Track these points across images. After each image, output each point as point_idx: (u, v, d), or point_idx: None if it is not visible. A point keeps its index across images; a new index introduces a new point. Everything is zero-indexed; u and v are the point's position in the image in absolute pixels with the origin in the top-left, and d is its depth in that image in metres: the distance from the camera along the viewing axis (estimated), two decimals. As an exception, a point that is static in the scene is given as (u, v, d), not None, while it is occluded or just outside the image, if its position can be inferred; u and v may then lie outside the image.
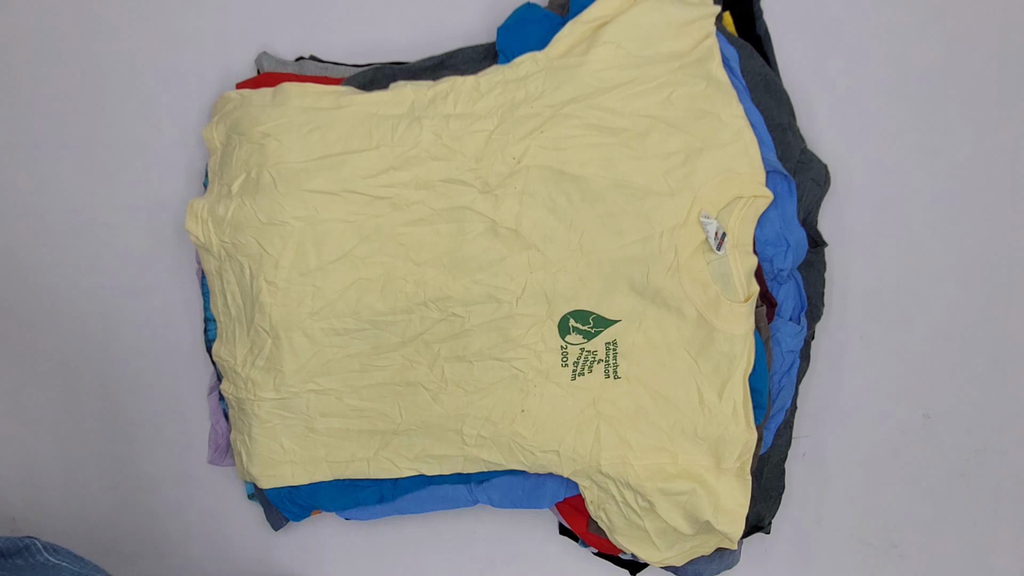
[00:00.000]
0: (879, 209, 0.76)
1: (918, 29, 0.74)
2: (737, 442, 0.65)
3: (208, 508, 0.85)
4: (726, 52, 0.65)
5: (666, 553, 0.74)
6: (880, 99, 0.75)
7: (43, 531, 0.86)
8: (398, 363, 0.70)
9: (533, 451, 0.69)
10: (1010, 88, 0.74)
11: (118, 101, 0.81)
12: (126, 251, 0.82)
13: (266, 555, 0.85)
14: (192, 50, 0.79)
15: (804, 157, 0.70)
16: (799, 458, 0.79)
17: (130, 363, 0.83)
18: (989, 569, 0.80)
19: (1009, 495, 0.79)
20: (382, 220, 0.68)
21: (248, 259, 0.69)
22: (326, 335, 0.69)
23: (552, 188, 0.67)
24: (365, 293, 0.69)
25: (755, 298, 0.65)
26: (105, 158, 0.81)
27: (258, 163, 0.67)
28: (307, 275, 0.68)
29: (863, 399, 0.78)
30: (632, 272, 0.66)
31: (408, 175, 0.67)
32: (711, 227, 0.63)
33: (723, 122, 0.63)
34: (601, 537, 0.76)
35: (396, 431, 0.72)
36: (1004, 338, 0.77)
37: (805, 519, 0.80)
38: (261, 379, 0.71)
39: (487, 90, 0.67)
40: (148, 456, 0.84)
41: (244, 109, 0.69)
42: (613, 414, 0.69)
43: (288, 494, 0.75)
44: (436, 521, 0.82)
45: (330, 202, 0.68)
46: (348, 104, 0.68)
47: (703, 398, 0.66)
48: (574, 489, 0.75)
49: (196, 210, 0.71)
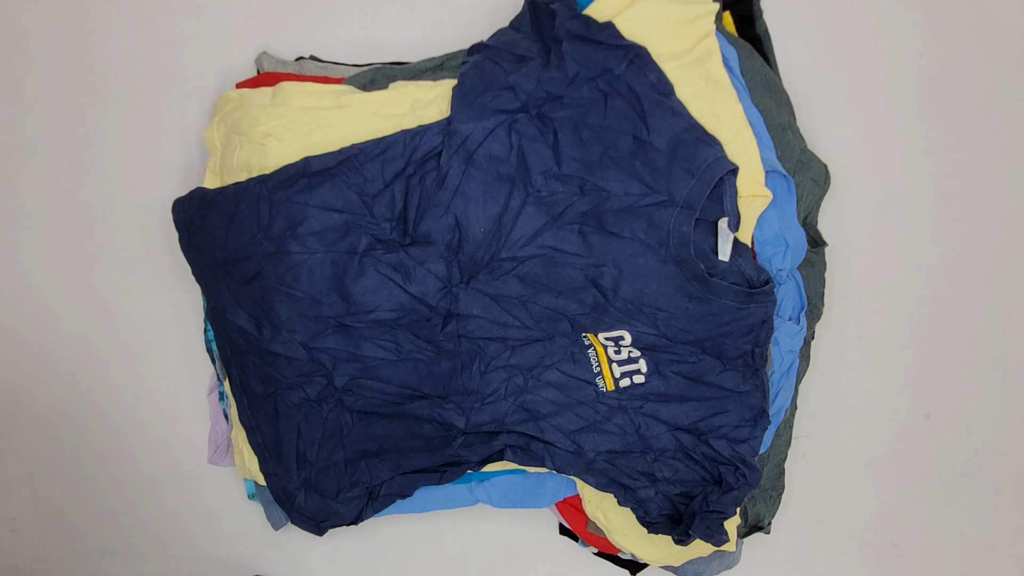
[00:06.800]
0: (879, 209, 0.76)
1: (918, 29, 0.74)
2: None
3: (208, 508, 0.85)
4: (726, 52, 0.65)
5: (665, 553, 0.74)
6: (880, 99, 0.75)
7: (43, 531, 0.86)
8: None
9: None
10: (1010, 88, 0.74)
11: (118, 101, 0.81)
12: (126, 251, 0.82)
13: (266, 555, 0.85)
14: (192, 50, 0.79)
15: (804, 157, 0.70)
16: (799, 458, 0.79)
17: (130, 363, 0.83)
18: (989, 569, 0.80)
19: (1009, 495, 0.79)
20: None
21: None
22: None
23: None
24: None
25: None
26: (105, 158, 0.81)
27: (259, 163, 0.67)
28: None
29: (863, 399, 0.78)
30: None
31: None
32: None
33: (722, 122, 0.63)
34: (601, 537, 0.76)
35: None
36: (1004, 338, 0.77)
37: (805, 519, 0.80)
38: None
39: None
40: (148, 456, 0.84)
41: (244, 109, 0.69)
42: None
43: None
44: (436, 521, 0.82)
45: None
46: (349, 104, 0.68)
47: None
48: (574, 489, 0.75)
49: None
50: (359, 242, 0.66)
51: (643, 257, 0.63)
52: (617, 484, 0.71)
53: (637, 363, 0.68)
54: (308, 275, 0.66)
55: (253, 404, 0.73)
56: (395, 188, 0.65)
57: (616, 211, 0.63)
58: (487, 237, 0.65)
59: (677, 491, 0.70)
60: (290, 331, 0.68)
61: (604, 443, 0.70)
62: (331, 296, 0.67)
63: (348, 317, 0.67)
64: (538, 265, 0.65)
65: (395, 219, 0.66)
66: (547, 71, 0.63)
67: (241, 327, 0.69)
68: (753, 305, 0.63)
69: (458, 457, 0.72)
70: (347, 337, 0.68)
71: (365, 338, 0.68)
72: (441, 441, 0.72)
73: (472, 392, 0.70)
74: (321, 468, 0.73)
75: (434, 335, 0.68)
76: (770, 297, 0.63)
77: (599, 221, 0.63)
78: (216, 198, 0.68)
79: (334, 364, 0.69)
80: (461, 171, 0.64)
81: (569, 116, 0.63)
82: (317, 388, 0.70)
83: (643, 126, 0.61)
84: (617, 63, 0.61)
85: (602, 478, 0.71)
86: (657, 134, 0.61)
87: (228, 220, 0.67)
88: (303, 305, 0.67)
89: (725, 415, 0.67)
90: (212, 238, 0.68)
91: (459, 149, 0.63)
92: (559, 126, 0.63)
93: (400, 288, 0.66)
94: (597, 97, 0.62)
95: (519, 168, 0.64)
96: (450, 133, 0.64)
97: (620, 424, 0.70)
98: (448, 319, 0.67)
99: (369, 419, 0.72)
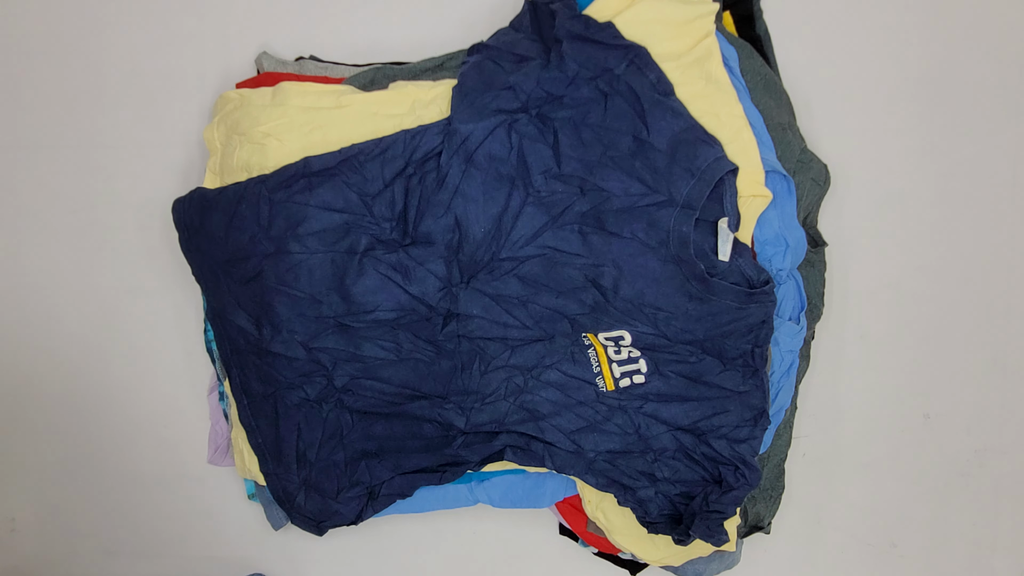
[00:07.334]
0: (879, 209, 0.76)
1: (918, 29, 0.74)
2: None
3: (208, 508, 0.85)
4: (726, 52, 0.65)
5: (665, 553, 0.74)
6: (880, 99, 0.75)
7: (43, 531, 0.86)
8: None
9: None
10: (1010, 88, 0.74)
11: (118, 101, 0.81)
12: (126, 251, 0.82)
13: (266, 555, 0.85)
14: (192, 50, 0.79)
15: (804, 157, 0.70)
16: (799, 458, 0.79)
17: (130, 363, 0.83)
18: (989, 569, 0.80)
19: (1009, 495, 0.79)
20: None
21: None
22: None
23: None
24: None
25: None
26: (105, 158, 0.81)
27: (259, 163, 0.67)
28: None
29: (863, 399, 0.78)
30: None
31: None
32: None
33: (722, 122, 0.63)
34: (601, 537, 0.76)
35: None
36: (1004, 338, 0.77)
37: (805, 519, 0.80)
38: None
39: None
40: (148, 456, 0.84)
41: (244, 109, 0.69)
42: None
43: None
44: (436, 521, 0.82)
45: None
46: (349, 104, 0.68)
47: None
48: (574, 489, 0.75)
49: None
50: (359, 242, 0.66)
51: (643, 257, 0.63)
52: (617, 484, 0.71)
53: (637, 363, 0.68)
54: (308, 275, 0.66)
55: (253, 404, 0.73)
56: (395, 188, 0.65)
57: (616, 211, 0.63)
58: (487, 237, 0.65)
59: (677, 491, 0.70)
60: (290, 331, 0.68)
61: (604, 443, 0.70)
62: (331, 296, 0.67)
63: (348, 317, 0.67)
64: (538, 265, 0.65)
65: (395, 219, 0.66)
66: (547, 71, 0.63)
67: (241, 327, 0.69)
68: (753, 305, 0.63)
69: (458, 457, 0.72)
70: (347, 337, 0.68)
71: (365, 338, 0.68)
72: (441, 441, 0.72)
73: (472, 392, 0.70)
74: (321, 468, 0.73)
75: (434, 335, 0.68)
76: (770, 297, 0.63)
77: (599, 221, 0.63)
78: (216, 198, 0.68)
79: (334, 364, 0.69)
80: (461, 171, 0.64)
81: (569, 116, 0.63)
82: (317, 388, 0.70)
83: (643, 126, 0.61)
84: (617, 63, 0.61)
85: (602, 478, 0.71)
86: (657, 134, 0.61)
87: (228, 220, 0.67)
88: (303, 305, 0.67)
89: (725, 415, 0.67)
90: (212, 238, 0.68)
91: (459, 149, 0.63)
92: (559, 126, 0.63)
93: (400, 288, 0.66)
94: (597, 97, 0.62)
95: (519, 168, 0.64)
96: (450, 133, 0.64)
97: (620, 424, 0.70)
98: (448, 319, 0.67)
99: (369, 419, 0.72)
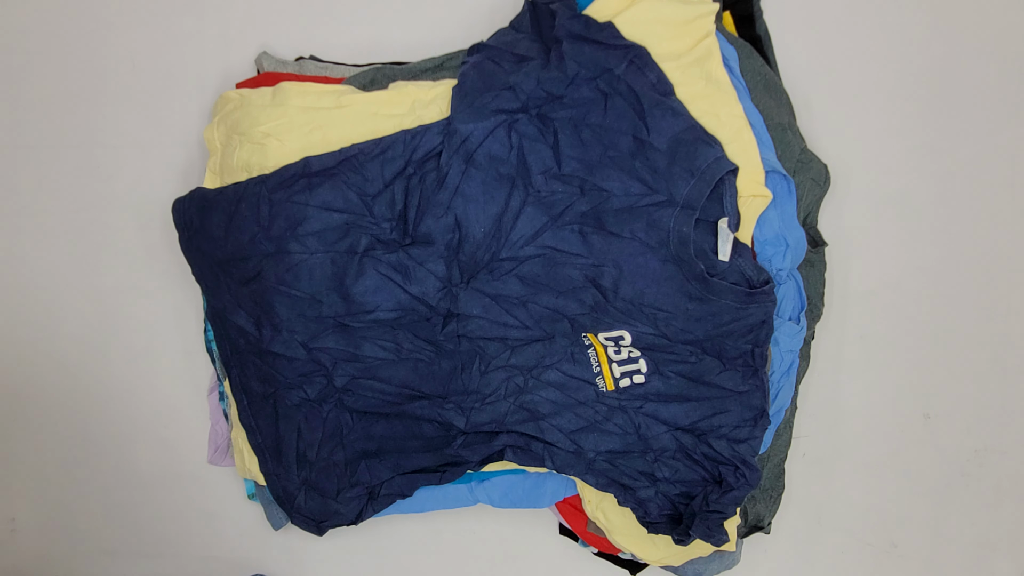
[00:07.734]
0: (879, 209, 0.76)
1: (918, 29, 0.74)
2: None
3: (207, 508, 0.85)
4: (726, 52, 0.65)
5: (665, 553, 0.74)
6: (880, 99, 0.75)
7: (43, 531, 0.86)
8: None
9: None
10: (1010, 88, 0.74)
11: (118, 101, 0.81)
12: (126, 251, 0.82)
13: (266, 555, 0.85)
14: (192, 50, 0.79)
15: (804, 157, 0.70)
16: (799, 458, 0.79)
17: (130, 363, 0.83)
18: (989, 569, 0.80)
19: (1009, 495, 0.79)
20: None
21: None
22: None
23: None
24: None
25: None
26: (105, 158, 0.81)
27: (259, 163, 0.67)
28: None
29: (863, 399, 0.78)
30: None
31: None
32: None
33: (722, 122, 0.63)
34: (601, 537, 0.76)
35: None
36: (1004, 338, 0.77)
37: (805, 519, 0.80)
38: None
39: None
40: (148, 456, 0.84)
41: (244, 109, 0.69)
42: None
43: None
44: (436, 521, 0.82)
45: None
46: (349, 104, 0.68)
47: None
48: (574, 489, 0.75)
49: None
50: (359, 242, 0.66)
51: (643, 257, 0.63)
52: (617, 484, 0.71)
53: (637, 363, 0.68)
54: (308, 275, 0.66)
55: (253, 404, 0.73)
56: (395, 188, 0.65)
57: (616, 211, 0.63)
58: (487, 237, 0.65)
59: (677, 491, 0.70)
60: (290, 331, 0.68)
61: (604, 443, 0.70)
62: (331, 296, 0.67)
63: (348, 317, 0.67)
64: (538, 265, 0.65)
65: (395, 219, 0.66)
66: (547, 71, 0.63)
67: (241, 327, 0.69)
68: (753, 305, 0.63)
69: (458, 457, 0.72)
70: (347, 337, 0.68)
71: (365, 338, 0.68)
72: (441, 441, 0.72)
73: (472, 392, 0.70)
74: (321, 468, 0.73)
75: (434, 335, 0.68)
76: (770, 297, 0.63)
77: (599, 221, 0.63)
78: (216, 198, 0.68)
79: (334, 364, 0.69)
80: (461, 171, 0.64)
81: (569, 116, 0.63)
82: (317, 388, 0.70)
83: (643, 126, 0.61)
84: (617, 63, 0.61)
85: (602, 478, 0.71)
86: (657, 134, 0.61)
87: (228, 220, 0.67)
88: (303, 305, 0.67)
89: (725, 415, 0.67)
90: (212, 238, 0.68)
91: (459, 149, 0.63)
92: (559, 126, 0.63)
93: (400, 288, 0.66)
94: (597, 97, 0.62)
95: (519, 168, 0.64)
96: (450, 133, 0.64)
97: (620, 424, 0.70)
98: (448, 319, 0.67)
99: (369, 419, 0.72)
